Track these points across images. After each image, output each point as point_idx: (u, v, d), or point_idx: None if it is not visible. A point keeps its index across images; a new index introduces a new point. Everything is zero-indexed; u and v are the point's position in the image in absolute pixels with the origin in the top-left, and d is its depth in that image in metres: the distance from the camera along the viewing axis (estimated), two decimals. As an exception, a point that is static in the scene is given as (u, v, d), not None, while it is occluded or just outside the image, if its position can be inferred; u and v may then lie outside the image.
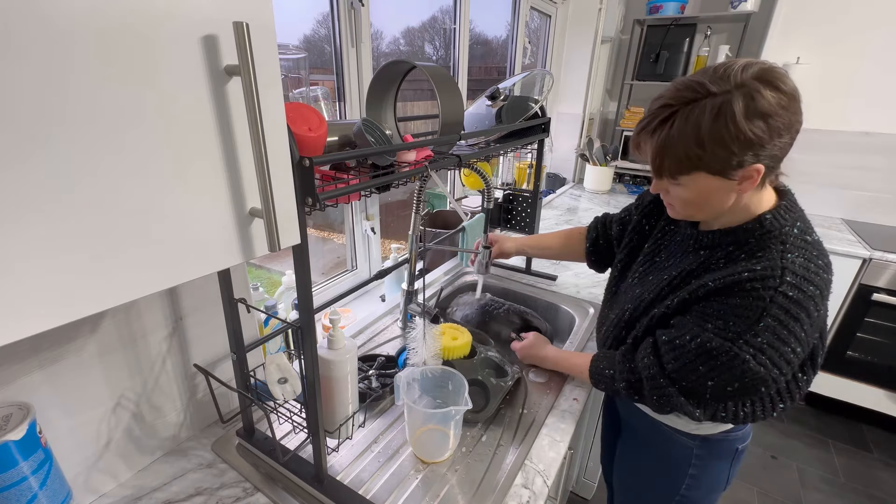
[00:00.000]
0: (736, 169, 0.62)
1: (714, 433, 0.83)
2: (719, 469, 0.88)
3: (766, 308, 0.63)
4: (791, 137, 0.62)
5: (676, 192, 0.70)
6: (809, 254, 0.66)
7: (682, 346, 0.71)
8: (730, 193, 0.67)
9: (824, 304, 0.66)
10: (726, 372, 0.67)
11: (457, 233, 1.46)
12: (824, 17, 2.13)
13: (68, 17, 0.31)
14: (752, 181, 0.64)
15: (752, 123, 0.58)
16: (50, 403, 0.64)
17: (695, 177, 0.65)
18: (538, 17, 2.49)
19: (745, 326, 0.64)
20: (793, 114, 0.60)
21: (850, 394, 2.08)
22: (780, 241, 0.67)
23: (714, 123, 0.59)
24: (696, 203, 0.70)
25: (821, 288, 0.64)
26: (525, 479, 0.79)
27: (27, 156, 0.31)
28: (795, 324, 0.63)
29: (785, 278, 0.63)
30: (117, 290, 0.38)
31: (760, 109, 0.58)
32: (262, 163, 0.42)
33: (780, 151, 0.63)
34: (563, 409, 0.96)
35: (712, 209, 0.70)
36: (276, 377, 0.70)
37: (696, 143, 0.61)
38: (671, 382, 0.73)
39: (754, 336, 0.64)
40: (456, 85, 0.83)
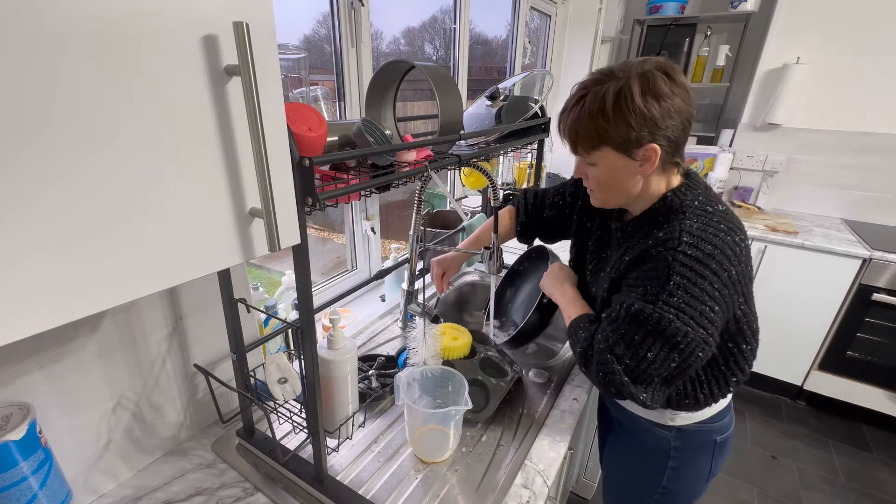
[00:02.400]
0: (636, 147, 0.71)
1: (689, 424, 0.86)
2: (700, 461, 0.90)
3: (671, 266, 0.69)
4: (682, 122, 0.70)
5: (592, 174, 0.78)
6: (708, 219, 0.72)
7: (616, 318, 0.75)
8: (635, 176, 0.75)
9: (733, 265, 0.70)
10: (659, 338, 0.70)
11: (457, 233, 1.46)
12: (824, 18, 2.13)
13: (67, 18, 0.31)
14: (651, 162, 0.72)
15: (646, 101, 0.68)
16: (50, 403, 0.64)
17: (603, 153, 0.74)
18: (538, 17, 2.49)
19: (658, 287, 0.70)
20: (683, 101, 0.69)
21: (850, 394, 2.08)
22: (682, 212, 0.74)
23: (616, 99, 0.68)
24: (607, 184, 0.78)
25: (720, 247, 0.69)
26: (525, 479, 0.79)
27: (26, 156, 0.31)
28: (703, 281, 0.68)
29: (682, 239, 0.70)
30: (117, 290, 0.38)
31: (654, 91, 0.68)
32: (262, 163, 0.42)
33: (674, 134, 0.70)
34: (563, 409, 0.96)
35: (623, 191, 0.78)
36: (276, 377, 0.70)
37: (602, 115, 0.70)
38: (617, 359, 0.74)
39: (669, 296, 0.69)
40: (455, 85, 0.83)
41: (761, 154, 2.42)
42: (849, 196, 2.30)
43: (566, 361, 1.12)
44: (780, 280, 2.07)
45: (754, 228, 2.09)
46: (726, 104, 2.57)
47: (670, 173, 0.77)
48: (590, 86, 0.72)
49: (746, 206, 2.45)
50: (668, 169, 0.76)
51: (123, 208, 0.37)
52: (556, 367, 1.10)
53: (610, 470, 1.09)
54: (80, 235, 0.34)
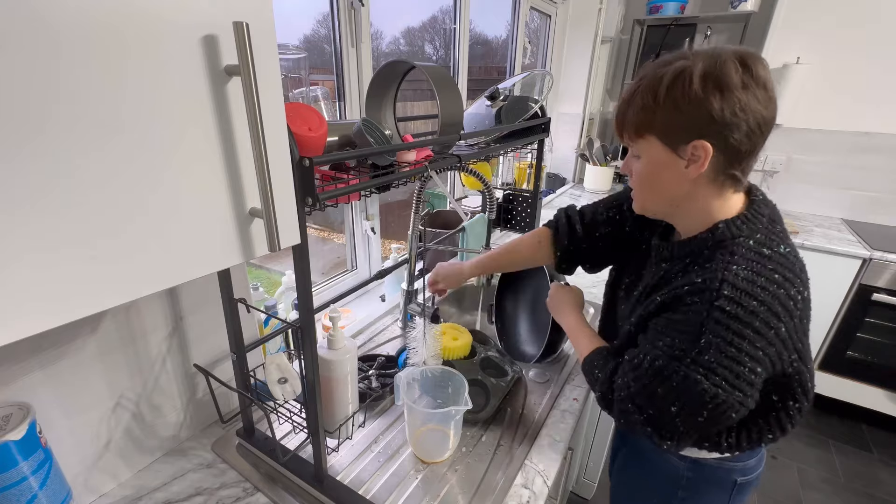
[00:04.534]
0: (683, 141, 0.60)
1: (707, 458, 0.77)
2: (713, 499, 0.81)
3: (704, 323, 0.59)
4: (751, 126, 0.58)
5: (634, 169, 0.69)
6: (761, 267, 0.60)
7: (638, 366, 0.66)
8: (680, 178, 0.63)
9: (783, 322, 0.59)
10: (684, 395, 0.61)
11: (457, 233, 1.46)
12: (824, 18, 2.13)
13: (66, 18, 0.31)
14: (700, 164, 0.60)
15: (705, 87, 0.56)
16: (50, 403, 0.64)
17: (648, 142, 0.64)
18: (538, 17, 2.49)
19: (689, 344, 0.60)
20: (757, 100, 0.57)
21: (850, 394, 2.08)
22: (730, 251, 0.62)
23: (672, 81, 0.58)
24: (647, 181, 0.68)
25: (767, 303, 0.58)
26: (525, 479, 0.79)
27: (25, 156, 0.31)
28: (742, 341, 0.58)
29: (722, 291, 0.58)
30: (117, 289, 0.38)
31: (719, 78, 0.56)
32: (262, 163, 0.42)
33: (736, 137, 0.58)
34: (563, 409, 0.96)
35: (664, 194, 0.67)
36: (276, 377, 0.70)
37: (653, 95, 0.60)
38: (638, 410, 0.67)
39: (699, 354, 0.59)
40: (455, 85, 0.83)
41: (761, 154, 2.42)
42: (849, 196, 2.30)
43: (566, 361, 1.12)
44: (780, 280, 2.06)
45: (754, 228, 2.09)
46: (726, 104, 2.57)
47: (727, 192, 0.65)
48: (654, 66, 0.62)
49: (746, 206, 2.45)
50: (723, 185, 0.64)
51: (123, 208, 0.37)
52: (556, 366, 1.10)
53: (618, 488, 1.02)
54: (79, 235, 0.34)
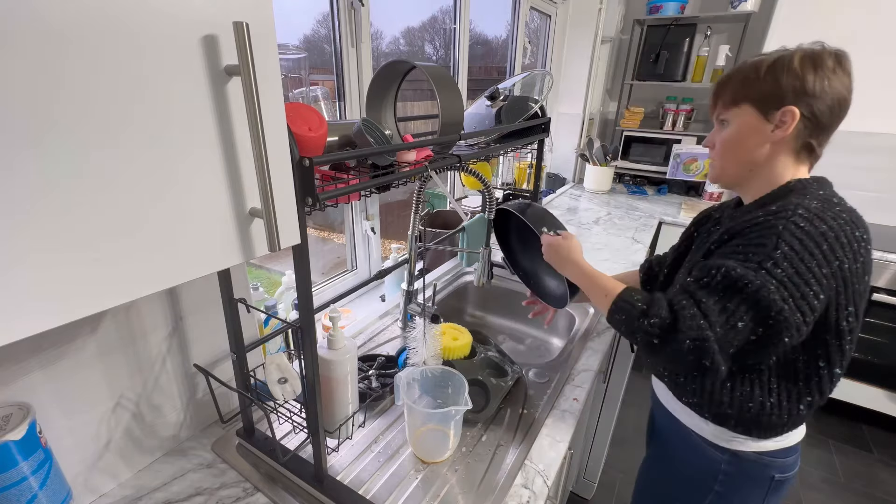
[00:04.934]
0: (775, 107, 0.70)
1: (746, 451, 0.79)
2: (750, 495, 0.82)
3: (780, 235, 0.64)
4: (832, 104, 0.69)
5: (721, 136, 0.77)
6: (830, 206, 0.68)
7: (709, 283, 0.67)
8: (764, 142, 0.73)
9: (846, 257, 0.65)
10: (753, 307, 0.64)
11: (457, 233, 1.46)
12: (824, 18, 2.13)
13: (65, 17, 0.31)
14: (786, 127, 0.70)
15: (803, 65, 0.68)
16: (50, 403, 0.64)
17: (741, 110, 0.73)
18: (538, 17, 2.49)
19: (764, 255, 0.64)
20: (842, 86, 0.68)
21: (850, 394, 2.08)
22: (802, 194, 0.70)
23: (774, 61, 0.70)
24: (733, 145, 0.76)
25: (836, 231, 0.65)
26: (525, 479, 0.79)
27: (25, 157, 0.31)
28: (811, 259, 0.63)
29: (797, 211, 0.65)
30: (117, 290, 0.38)
31: (815, 61, 0.68)
32: (262, 163, 0.42)
33: (819, 110, 0.69)
34: (563, 409, 0.96)
35: (746, 157, 0.75)
36: (276, 377, 0.70)
37: (755, 70, 0.71)
38: (710, 327, 0.65)
39: (774, 265, 0.63)
40: (456, 85, 0.83)
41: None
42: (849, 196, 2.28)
43: (566, 361, 1.12)
44: (780, 280, 2.07)
45: (754, 228, 2.09)
46: (726, 104, 2.57)
47: (801, 162, 0.75)
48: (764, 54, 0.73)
49: (746, 206, 2.46)
50: (799, 154, 0.74)
51: (123, 209, 0.37)
52: (556, 366, 1.10)
53: (644, 484, 1.03)
54: (79, 235, 0.34)
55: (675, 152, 2.54)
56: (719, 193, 2.49)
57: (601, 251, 1.82)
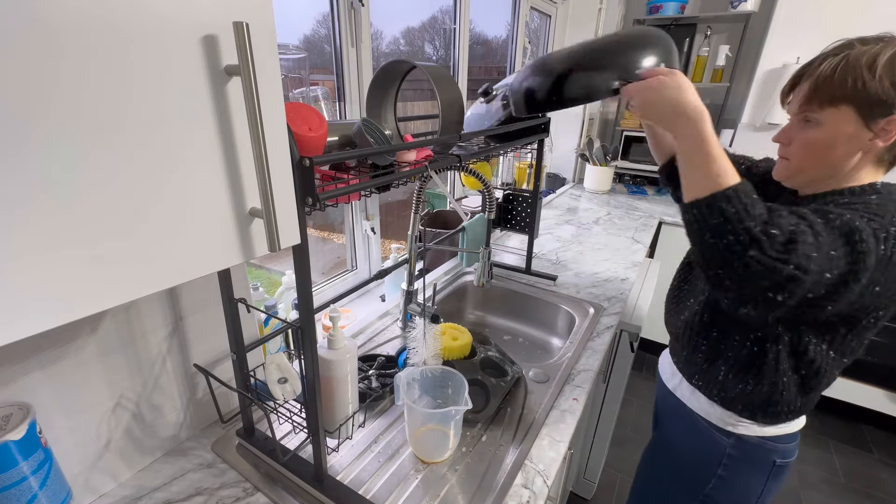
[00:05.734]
0: (881, 115, 0.62)
1: (751, 435, 0.80)
2: (752, 479, 0.83)
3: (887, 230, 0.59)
4: None
5: (805, 136, 0.68)
6: None
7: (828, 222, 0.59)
8: (856, 151, 0.65)
9: None
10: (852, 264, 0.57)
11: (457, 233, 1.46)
12: (824, 18, 2.13)
13: (65, 17, 0.31)
14: (888, 136, 0.63)
15: None
16: (50, 403, 0.64)
17: (840, 112, 0.64)
18: (538, 17, 2.49)
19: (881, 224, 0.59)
20: None
21: (850, 394, 2.08)
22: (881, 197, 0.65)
23: (890, 58, 0.60)
24: (819, 149, 0.67)
25: None
26: (525, 479, 0.79)
27: (24, 156, 0.31)
28: None
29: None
30: (117, 290, 0.38)
31: None
32: (262, 163, 0.42)
33: None
34: (563, 409, 0.96)
35: (830, 164, 0.68)
36: (276, 377, 0.70)
37: (869, 68, 0.61)
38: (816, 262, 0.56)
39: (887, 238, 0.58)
40: (456, 84, 0.83)
41: (761, 154, 2.41)
42: (849, 196, 2.30)
43: (566, 361, 1.12)
44: (780, 280, 2.07)
45: (754, 228, 2.09)
46: (726, 104, 2.57)
47: (881, 167, 0.68)
48: (856, 44, 0.64)
49: (746, 206, 2.45)
50: (881, 164, 0.68)
51: (123, 209, 0.37)
52: (556, 366, 1.10)
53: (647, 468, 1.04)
54: (79, 235, 0.34)
55: (675, 152, 2.54)
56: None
57: (601, 251, 1.82)
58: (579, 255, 1.76)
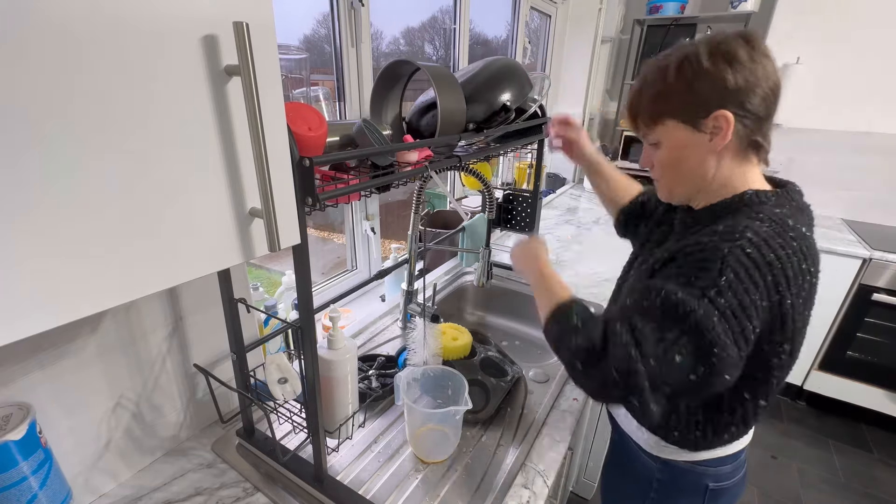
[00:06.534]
0: (702, 115, 0.62)
1: (678, 460, 0.76)
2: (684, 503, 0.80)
3: (725, 259, 0.56)
4: (765, 92, 0.60)
5: (657, 158, 0.69)
6: (783, 231, 0.59)
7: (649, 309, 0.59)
8: (705, 154, 0.64)
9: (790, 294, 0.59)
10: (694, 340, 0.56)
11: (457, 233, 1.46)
12: (824, 18, 2.13)
13: (65, 17, 0.31)
14: (724, 134, 0.61)
15: (715, 63, 0.59)
16: (50, 403, 0.64)
17: (666, 127, 0.65)
18: (538, 17, 2.49)
19: (709, 280, 0.56)
20: (765, 69, 0.60)
21: (850, 394, 2.08)
22: (755, 211, 0.62)
23: (679, 64, 0.62)
24: (673, 166, 0.68)
25: (783, 262, 0.57)
26: (525, 479, 0.79)
27: (25, 156, 0.31)
28: (755, 290, 0.56)
29: (746, 235, 0.58)
30: (117, 290, 0.38)
31: (727, 54, 0.59)
32: (262, 163, 0.42)
33: (753, 104, 0.60)
34: (563, 409, 0.96)
35: (691, 175, 0.67)
36: (276, 377, 0.70)
37: (663, 81, 0.63)
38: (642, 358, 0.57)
39: (718, 294, 0.55)
40: (457, 84, 0.83)
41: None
42: (849, 196, 2.30)
43: (566, 361, 1.12)
44: (780, 280, 2.07)
45: (754, 228, 2.09)
46: (726, 104, 2.57)
47: (752, 162, 0.66)
48: (657, 59, 0.65)
49: (746, 206, 2.45)
50: (748, 154, 0.65)
51: (123, 209, 0.37)
52: (556, 366, 1.10)
53: (604, 481, 1.05)
54: (79, 235, 0.34)
55: (675, 152, 2.54)
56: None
57: (601, 251, 1.82)
58: (579, 255, 1.76)
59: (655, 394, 0.58)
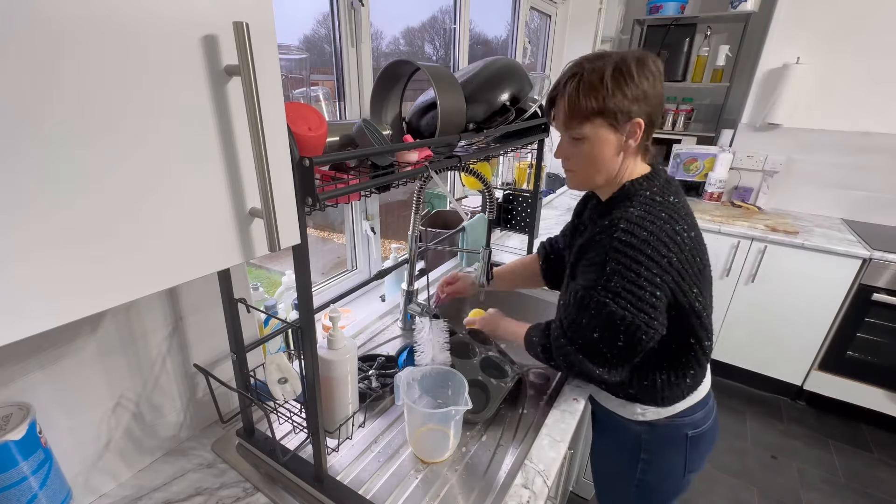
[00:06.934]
0: (626, 120, 0.74)
1: (658, 419, 0.89)
2: (672, 455, 0.92)
3: (608, 253, 0.73)
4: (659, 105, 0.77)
5: (579, 151, 0.79)
6: (652, 208, 0.75)
7: (566, 305, 0.80)
8: (619, 152, 0.78)
9: (672, 252, 0.72)
10: (600, 320, 0.74)
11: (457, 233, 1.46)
12: (824, 18, 2.13)
13: (66, 17, 0.31)
14: (636, 137, 0.76)
15: (642, 77, 0.72)
16: (50, 403, 0.64)
17: (595, 125, 0.76)
18: (538, 17, 2.49)
19: (598, 273, 0.74)
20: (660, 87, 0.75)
21: (850, 394, 2.08)
22: (629, 200, 0.78)
23: (614, 72, 0.72)
24: (593, 160, 0.79)
25: (655, 234, 0.72)
26: (525, 479, 0.79)
27: (25, 156, 0.31)
28: (639, 266, 0.71)
29: (619, 225, 0.73)
30: (117, 290, 0.38)
31: (646, 70, 0.73)
32: (262, 163, 0.42)
33: (654, 114, 0.76)
34: (563, 409, 0.96)
35: (606, 168, 0.80)
36: (276, 377, 0.70)
37: (602, 85, 0.73)
38: (570, 342, 0.80)
39: (607, 281, 0.72)
40: (457, 84, 0.83)
41: (761, 154, 2.42)
42: (849, 196, 2.30)
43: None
44: (780, 280, 2.07)
45: (754, 228, 2.09)
46: (726, 104, 2.57)
47: (639, 160, 0.81)
48: (584, 63, 0.75)
49: (746, 206, 2.45)
50: (639, 154, 0.80)
51: (123, 208, 0.37)
52: (556, 367, 1.10)
53: (595, 465, 1.14)
54: (79, 235, 0.34)
55: (674, 152, 2.54)
56: (719, 193, 2.49)
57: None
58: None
59: (597, 363, 0.80)
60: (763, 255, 2.07)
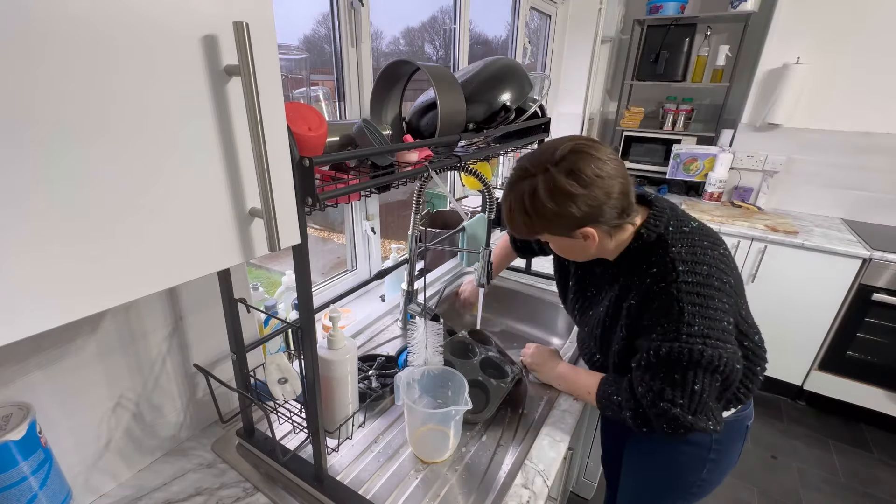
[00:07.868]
0: (570, 233, 0.74)
1: (728, 416, 0.88)
2: (735, 448, 0.93)
3: (679, 299, 0.71)
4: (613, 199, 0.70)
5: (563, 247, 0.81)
6: (691, 240, 0.75)
7: (649, 366, 0.75)
8: (586, 248, 0.77)
9: (730, 276, 0.74)
10: (698, 369, 0.71)
11: (457, 233, 1.46)
12: (824, 18, 2.13)
13: (66, 17, 0.31)
14: (592, 239, 0.74)
15: (558, 204, 0.69)
16: (50, 403, 0.64)
17: (544, 236, 0.77)
18: (538, 17, 2.49)
19: (676, 323, 0.71)
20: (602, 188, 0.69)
21: (850, 394, 2.08)
22: (664, 242, 0.76)
23: (531, 201, 0.71)
24: (569, 253, 0.82)
25: (713, 265, 0.72)
26: (525, 479, 0.79)
27: (24, 155, 0.31)
28: (713, 301, 0.71)
29: (678, 269, 0.72)
30: (117, 289, 0.38)
31: (561, 191, 0.68)
32: (262, 163, 0.42)
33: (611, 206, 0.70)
34: (563, 409, 0.96)
35: (584, 255, 0.81)
36: (276, 377, 0.70)
37: (525, 214, 0.73)
38: (671, 404, 0.74)
39: (689, 327, 0.70)
40: (457, 84, 0.83)
41: (761, 154, 2.42)
42: (849, 196, 2.30)
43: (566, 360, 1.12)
44: (780, 280, 2.07)
45: (754, 228, 2.09)
46: (726, 104, 2.57)
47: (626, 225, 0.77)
48: (514, 183, 0.74)
49: (746, 206, 2.45)
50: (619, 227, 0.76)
51: (124, 208, 0.37)
52: (556, 367, 1.10)
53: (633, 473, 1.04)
54: (79, 235, 0.34)
55: (675, 152, 2.54)
56: (719, 193, 2.49)
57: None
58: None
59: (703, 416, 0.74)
60: (763, 255, 2.07)
